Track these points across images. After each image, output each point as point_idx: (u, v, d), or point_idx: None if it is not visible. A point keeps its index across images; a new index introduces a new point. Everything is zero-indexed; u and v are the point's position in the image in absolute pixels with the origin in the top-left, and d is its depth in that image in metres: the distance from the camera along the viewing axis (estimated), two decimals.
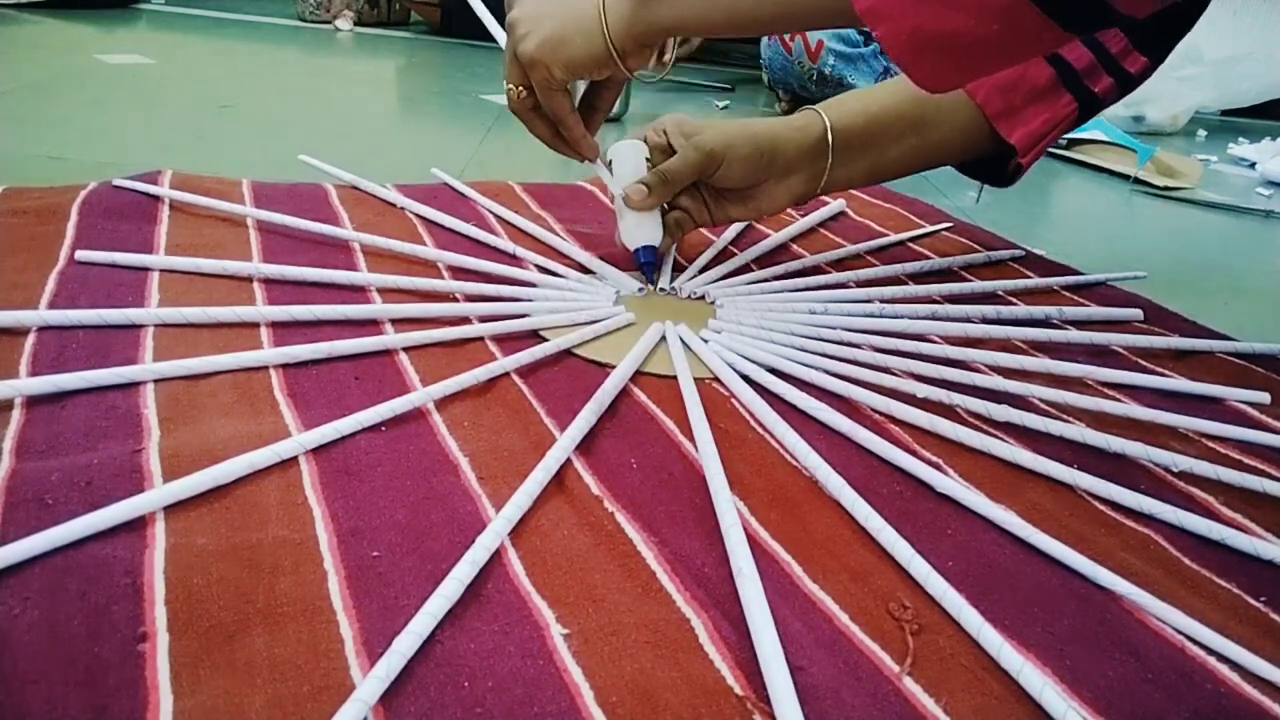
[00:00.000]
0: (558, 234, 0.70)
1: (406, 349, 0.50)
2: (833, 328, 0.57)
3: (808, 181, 0.64)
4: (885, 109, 0.64)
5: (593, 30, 0.51)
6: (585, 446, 0.43)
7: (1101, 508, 0.42)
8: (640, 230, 0.61)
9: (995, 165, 0.70)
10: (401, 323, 0.53)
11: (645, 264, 0.62)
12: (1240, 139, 1.46)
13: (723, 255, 0.70)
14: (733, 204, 0.64)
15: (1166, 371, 0.57)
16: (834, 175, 0.64)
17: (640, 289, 0.62)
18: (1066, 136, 1.26)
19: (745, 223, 0.76)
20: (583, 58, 0.52)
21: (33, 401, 0.41)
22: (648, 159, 0.62)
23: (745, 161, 0.60)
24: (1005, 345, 0.58)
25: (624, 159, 0.61)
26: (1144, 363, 0.58)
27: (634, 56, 0.52)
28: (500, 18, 0.63)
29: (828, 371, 0.51)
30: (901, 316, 0.60)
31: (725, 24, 0.49)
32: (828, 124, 0.63)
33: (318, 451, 0.40)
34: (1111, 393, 0.53)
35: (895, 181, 0.92)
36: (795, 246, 0.74)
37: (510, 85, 0.57)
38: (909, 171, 0.69)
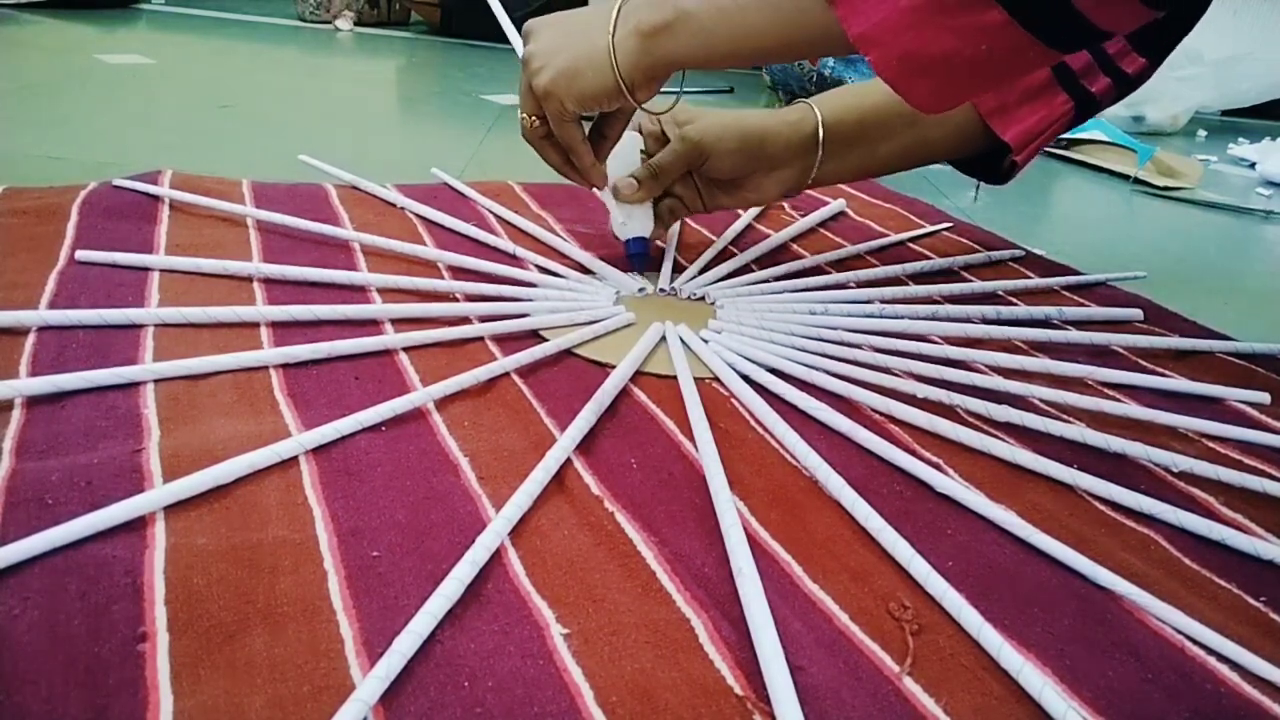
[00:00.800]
0: (558, 234, 0.70)
1: (406, 349, 0.50)
2: (833, 328, 0.57)
3: (798, 175, 0.65)
4: (878, 105, 0.65)
5: (603, 65, 0.52)
6: (585, 446, 0.43)
7: (1101, 508, 0.42)
8: (632, 221, 0.63)
9: (990, 162, 0.70)
10: (401, 323, 0.53)
11: (636, 254, 0.63)
12: (1240, 139, 1.46)
13: (723, 255, 0.70)
14: (723, 193, 0.65)
15: (1166, 371, 0.57)
16: (824, 170, 0.65)
17: (640, 289, 0.62)
18: (1066, 136, 1.26)
19: (745, 222, 0.76)
20: (594, 90, 0.53)
21: (33, 401, 0.41)
22: (642, 151, 0.62)
23: (734, 155, 0.62)
24: (1005, 345, 0.58)
25: (618, 149, 0.61)
26: (1144, 363, 0.58)
27: (643, 89, 0.54)
28: (490, 25, 0.63)
29: (828, 371, 0.51)
30: (901, 316, 0.60)
31: (729, 55, 0.50)
32: (819, 119, 0.63)
33: (318, 451, 0.40)
34: (1111, 393, 0.53)
35: (895, 181, 0.93)
36: (795, 246, 0.74)
37: (524, 115, 0.58)
38: (901, 168, 0.69)
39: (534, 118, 0.58)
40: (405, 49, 1.65)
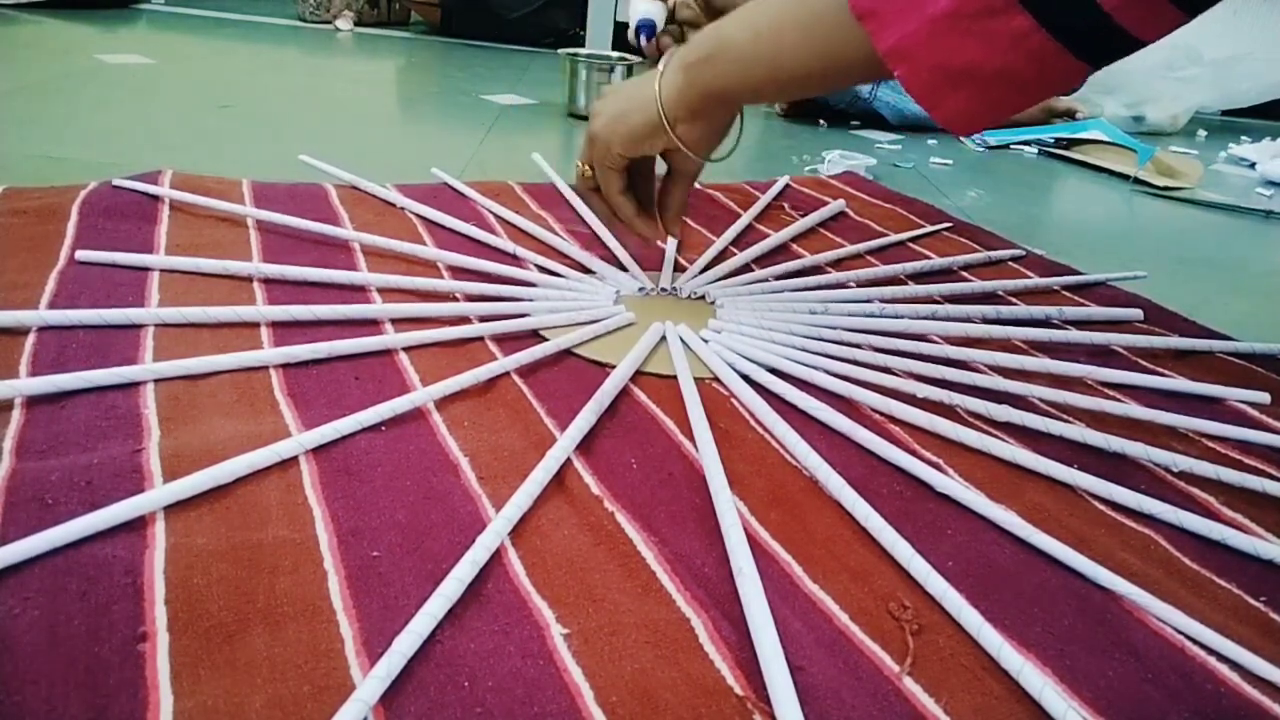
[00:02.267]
0: (558, 234, 0.70)
1: (406, 349, 0.50)
2: (833, 328, 0.57)
3: None
4: None
5: (649, 104, 0.54)
6: (585, 446, 0.43)
7: (1101, 508, 0.42)
8: (644, 8, 0.74)
9: None
10: (401, 322, 0.53)
11: (641, 25, 0.72)
12: (1240, 139, 1.46)
13: (723, 255, 0.70)
14: None
15: (1166, 371, 0.57)
16: None
17: (640, 289, 0.62)
18: (1067, 136, 1.26)
19: (745, 222, 0.76)
20: (639, 128, 0.54)
21: (33, 401, 0.41)
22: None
23: None
24: (1005, 345, 0.58)
25: None
26: (1144, 363, 0.58)
27: (684, 123, 0.54)
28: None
29: (828, 371, 0.51)
30: (901, 316, 0.60)
31: (767, 82, 0.51)
32: None
33: (318, 451, 0.40)
34: (1111, 393, 0.53)
35: (895, 181, 0.92)
36: (795, 246, 0.74)
37: (579, 163, 0.60)
38: None
39: (586, 166, 0.59)
40: (405, 49, 1.65)
